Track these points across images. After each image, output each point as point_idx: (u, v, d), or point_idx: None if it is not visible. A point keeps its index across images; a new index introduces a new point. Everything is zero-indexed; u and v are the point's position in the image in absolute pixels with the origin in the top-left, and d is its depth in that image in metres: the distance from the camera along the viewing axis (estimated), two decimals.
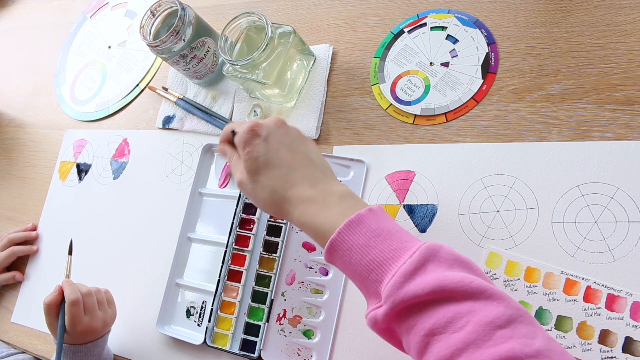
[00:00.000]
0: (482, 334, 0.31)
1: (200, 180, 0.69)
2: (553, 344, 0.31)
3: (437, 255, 0.35)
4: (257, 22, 0.61)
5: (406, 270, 0.35)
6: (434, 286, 0.33)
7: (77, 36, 0.93)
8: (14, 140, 0.91)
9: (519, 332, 0.31)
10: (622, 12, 0.53)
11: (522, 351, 0.30)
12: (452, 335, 0.32)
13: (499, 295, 0.33)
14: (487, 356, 0.30)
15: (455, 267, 0.35)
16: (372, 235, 0.37)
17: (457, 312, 0.32)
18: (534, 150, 0.52)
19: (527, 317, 0.32)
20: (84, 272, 0.73)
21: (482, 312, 0.32)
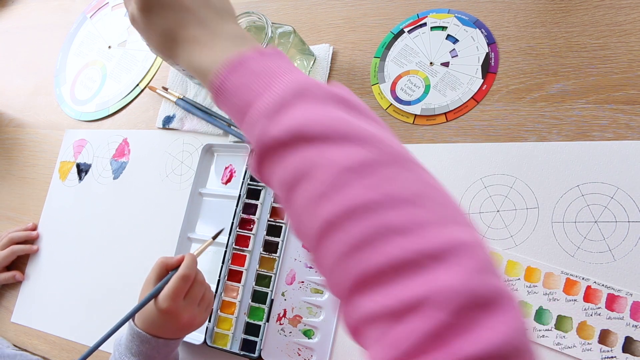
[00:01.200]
0: (333, 180, 0.27)
1: (200, 180, 0.69)
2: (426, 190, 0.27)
3: (307, 90, 0.30)
4: (257, 22, 0.61)
5: (269, 108, 0.30)
6: (292, 127, 0.29)
7: (77, 36, 0.93)
8: (14, 140, 0.91)
9: (376, 176, 0.26)
10: (622, 12, 0.53)
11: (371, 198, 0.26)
12: (305, 186, 0.28)
13: (365, 138, 0.28)
14: (336, 205, 0.26)
15: (328, 105, 0.30)
16: (251, 76, 0.32)
17: (310, 158, 0.28)
18: (534, 150, 0.52)
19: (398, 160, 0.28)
20: (84, 272, 0.73)
21: (336, 156, 0.27)
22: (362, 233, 0.25)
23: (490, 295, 0.23)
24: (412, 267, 0.23)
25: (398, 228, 0.25)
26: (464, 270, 0.23)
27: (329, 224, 0.27)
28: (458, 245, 0.24)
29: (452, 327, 0.22)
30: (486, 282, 0.23)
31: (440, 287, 0.22)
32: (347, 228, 0.26)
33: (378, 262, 0.24)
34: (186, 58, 0.37)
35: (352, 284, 0.25)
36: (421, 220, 0.25)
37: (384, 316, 0.24)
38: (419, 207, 0.26)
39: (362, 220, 0.25)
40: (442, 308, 0.22)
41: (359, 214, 0.26)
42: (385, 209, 0.25)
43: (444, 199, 0.27)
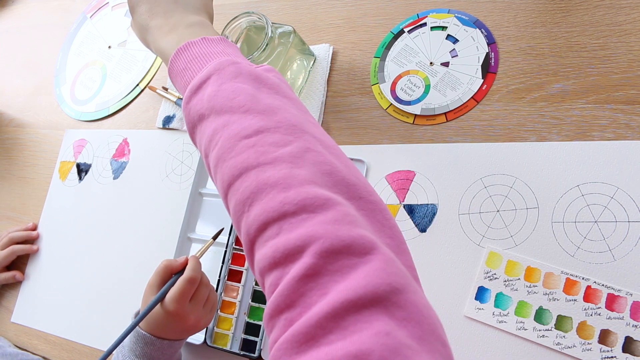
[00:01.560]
0: (228, 147, 0.30)
1: (201, 180, 0.69)
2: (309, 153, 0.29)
3: (223, 69, 0.35)
4: (257, 22, 0.61)
5: (192, 86, 0.35)
6: (205, 100, 0.33)
7: (77, 36, 0.93)
8: (14, 140, 0.91)
9: (266, 141, 0.30)
10: (622, 11, 0.53)
11: (256, 160, 0.29)
12: (212, 152, 0.32)
13: (260, 109, 0.32)
14: (226, 171, 0.30)
15: (238, 80, 0.34)
16: (191, 59, 0.37)
17: (215, 129, 0.32)
18: (534, 150, 0.52)
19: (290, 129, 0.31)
20: (84, 271, 0.73)
21: (233, 126, 0.31)
22: (247, 189, 0.28)
23: (357, 243, 0.25)
24: (287, 218, 0.26)
25: (276, 183, 0.27)
26: (328, 220, 0.25)
27: (226, 185, 0.30)
28: (324, 200, 0.26)
29: (321, 269, 0.24)
30: (350, 230, 0.25)
31: (308, 235, 0.25)
32: (237, 187, 0.29)
33: (260, 216, 0.27)
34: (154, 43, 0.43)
35: (247, 240, 0.28)
36: (295, 178, 0.28)
37: (270, 267, 0.26)
38: (296, 167, 0.28)
39: (246, 179, 0.29)
40: (310, 253, 0.24)
41: (245, 174, 0.29)
42: (266, 168, 0.28)
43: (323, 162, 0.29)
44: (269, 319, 0.26)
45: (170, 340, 0.53)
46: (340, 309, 0.22)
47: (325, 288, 0.24)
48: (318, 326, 0.22)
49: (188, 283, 0.51)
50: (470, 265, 0.51)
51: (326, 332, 0.22)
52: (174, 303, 0.50)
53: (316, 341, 0.22)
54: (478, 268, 0.51)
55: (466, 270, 0.51)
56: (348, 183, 0.29)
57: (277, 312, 0.25)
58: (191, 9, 0.45)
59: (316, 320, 0.23)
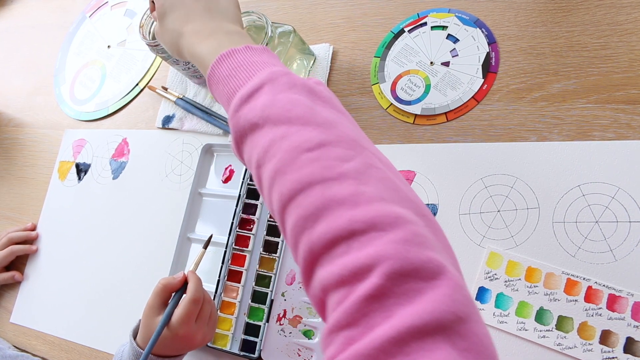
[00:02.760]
0: (289, 160, 0.29)
1: (200, 180, 0.69)
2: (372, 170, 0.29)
3: (276, 79, 0.34)
4: (257, 22, 0.60)
5: (242, 94, 0.34)
6: (259, 110, 0.32)
7: (77, 36, 0.92)
8: (13, 140, 0.91)
9: (329, 155, 0.29)
10: (623, 11, 0.53)
11: (321, 175, 0.28)
12: (268, 164, 0.31)
13: (320, 122, 0.31)
14: (288, 184, 0.29)
15: (293, 91, 0.33)
16: (236, 66, 0.36)
17: (272, 140, 0.31)
18: (535, 150, 0.52)
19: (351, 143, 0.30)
20: (83, 272, 0.73)
21: (293, 137, 0.30)
22: (312, 205, 0.27)
23: (426, 266, 0.24)
24: (356, 236, 0.25)
25: (343, 200, 0.27)
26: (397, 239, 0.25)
27: (287, 199, 0.29)
28: (397, 218, 0.26)
29: (388, 291, 0.23)
30: (419, 252, 0.25)
31: (378, 254, 0.24)
32: (299, 202, 0.28)
33: (327, 233, 0.26)
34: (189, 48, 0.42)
35: (309, 257, 0.27)
36: (363, 194, 0.27)
37: (336, 284, 0.25)
38: (362, 183, 0.28)
39: (311, 194, 0.28)
40: (378, 273, 0.24)
41: (309, 189, 0.28)
42: (333, 184, 0.28)
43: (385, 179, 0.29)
44: (327, 334, 0.25)
45: (171, 357, 0.53)
46: (405, 334, 0.22)
47: (390, 311, 0.23)
48: (381, 350, 0.22)
49: (193, 304, 0.50)
50: (471, 266, 0.51)
51: (388, 357, 0.22)
52: (182, 326, 0.50)
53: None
54: (478, 268, 0.51)
55: (466, 271, 0.51)
56: (411, 200, 0.29)
57: (337, 329, 0.24)
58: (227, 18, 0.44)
59: (380, 344, 0.22)
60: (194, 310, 0.51)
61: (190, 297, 0.51)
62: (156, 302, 0.52)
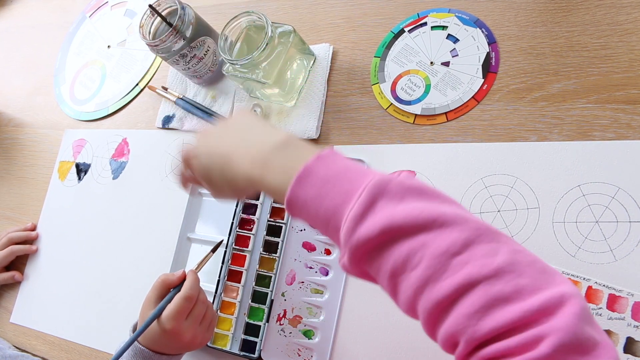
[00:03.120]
0: (439, 266, 0.30)
1: None
2: (519, 256, 0.29)
3: (385, 190, 0.33)
4: (257, 22, 0.60)
5: (356, 214, 0.33)
6: (382, 226, 0.31)
7: (77, 36, 0.92)
8: (13, 140, 0.91)
9: (477, 254, 0.29)
10: (623, 11, 0.53)
11: (479, 273, 0.28)
12: (411, 273, 0.31)
13: (452, 220, 0.31)
14: (446, 288, 0.29)
15: (407, 199, 0.33)
16: (323, 183, 0.35)
17: (411, 249, 0.31)
18: (535, 150, 0.52)
19: (487, 234, 0.30)
20: (83, 272, 0.73)
21: (435, 243, 0.30)
22: (479, 305, 0.28)
23: (589, 343, 0.26)
24: (528, 324, 0.27)
25: (508, 296, 0.28)
26: (569, 314, 0.26)
27: (443, 306, 0.29)
28: (562, 296, 0.27)
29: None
30: (587, 329, 0.26)
31: (549, 328, 0.26)
32: (462, 304, 0.29)
33: (498, 325, 0.27)
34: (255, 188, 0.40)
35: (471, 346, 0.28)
36: (525, 286, 0.28)
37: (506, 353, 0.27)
38: (519, 274, 0.29)
39: (473, 295, 0.28)
40: (546, 343, 0.25)
41: (469, 290, 0.28)
42: (493, 282, 0.28)
43: (535, 260, 0.30)
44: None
45: (168, 355, 0.53)
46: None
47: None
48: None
49: (185, 301, 0.50)
50: None
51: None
52: (171, 321, 0.50)
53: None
54: None
55: None
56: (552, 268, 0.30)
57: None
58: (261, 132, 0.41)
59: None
60: (186, 307, 0.51)
61: (183, 294, 0.51)
62: (154, 296, 0.52)
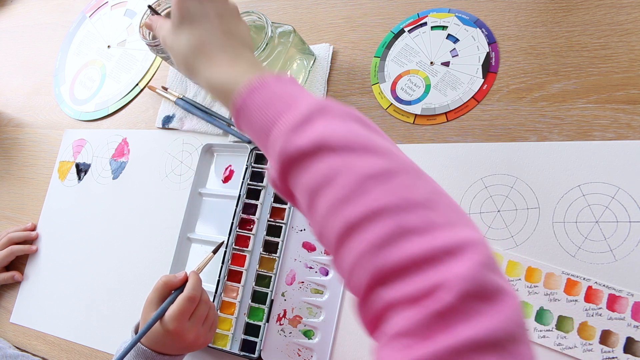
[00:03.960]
0: (355, 187, 0.29)
1: (200, 180, 0.68)
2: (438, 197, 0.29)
3: (327, 109, 0.33)
4: (257, 22, 0.60)
5: (293, 123, 0.33)
6: (315, 138, 0.32)
7: (77, 36, 0.92)
8: (13, 140, 0.91)
9: (397, 184, 0.29)
10: (623, 11, 0.53)
11: (392, 202, 0.28)
12: (328, 191, 0.30)
13: (382, 151, 0.31)
14: (357, 210, 0.29)
15: (346, 122, 0.33)
16: (271, 96, 0.36)
17: (334, 167, 0.31)
18: (535, 150, 0.52)
19: (412, 172, 0.30)
20: (83, 272, 0.73)
21: (358, 165, 0.30)
22: (384, 233, 0.28)
23: (493, 289, 0.26)
24: (430, 261, 0.26)
25: (416, 229, 0.27)
26: (472, 263, 0.26)
27: (352, 225, 0.29)
28: (468, 242, 0.27)
29: (456, 310, 0.25)
30: (490, 277, 0.26)
31: (451, 275, 0.25)
32: (369, 229, 0.28)
33: (400, 258, 0.27)
34: (207, 76, 0.40)
35: (373, 279, 0.28)
36: (435, 222, 0.28)
37: (404, 301, 0.26)
38: (432, 210, 0.28)
39: (383, 222, 0.28)
40: (450, 292, 0.25)
41: (379, 216, 0.28)
42: (404, 212, 0.28)
43: (451, 204, 0.30)
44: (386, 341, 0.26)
45: (171, 355, 0.53)
46: (462, 345, 0.24)
47: (452, 326, 0.24)
48: (436, 356, 0.24)
49: (187, 301, 0.51)
50: None
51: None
52: (173, 321, 0.50)
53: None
54: None
55: None
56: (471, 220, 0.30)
57: (398, 337, 0.26)
58: (246, 45, 0.43)
59: (435, 350, 0.24)
60: (189, 308, 0.51)
61: (186, 295, 0.51)
62: (155, 297, 0.52)
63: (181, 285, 0.53)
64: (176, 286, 0.53)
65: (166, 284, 0.53)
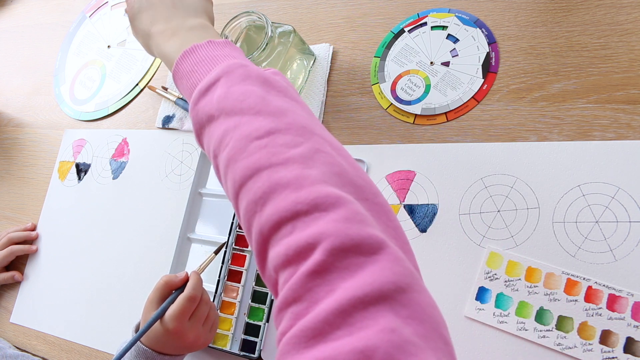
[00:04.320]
0: (238, 148, 0.31)
1: (200, 180, 0.68)
2: (319, 155, 0.30)
3: (232, 71, 0.35)
4: (257, 22, 0.60)
5: (201, 88, 0.35)
6: (215, 102, 0.34)
7: (77, 36, 0.92)
8: (13, 140, 0.91)
9: (277, 142, 0.30)
10: (623, 11, 0.53)
11: (268, 160, 0.29)
12: (222, 153, 0.32)
13: (271, 111, 0.32)
14: (239, 170, 0.30)
15: (244, 83, 0.34)
16: (198, 61, 0.38)
17: (226, 130, 0.33)
18: (535, 150, 0.52)
19: (299, 130, 0.31)
20: (83, 272, 0.73)
21: (244, 127, 0.32)
22: (260, 189, 0.29)
23: (366, 242, 0.25)
24: (299, 216, 0.27)
25: (288, 183, 0.28)
26: (339, 216, 0.26)
27: (238, 186, 0.31)
28: (337, 198, 0.27)
29: (331, 267, 0.25)
30: (362, 229, 0.26)
31: (319, 231, 0.26)
32: (249, 187, 0.30)
33: (272, 214, 0.28)
34: (157, 48, 0.45)
35: (260, 238, 0.29)
36: (307, 178, 0.28)
37: (283, 264, 0.27)
38: (307, 167, 0.29)
39: (259, 179, 0.29)
40: (321, 249, 0.25)
41: (257, 174, 0.29)
42: (279, 169, 0.29)
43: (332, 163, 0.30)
44: (277, 312, 0.27)
45: (171, 355, 0.53)
46: (347, 305, 0.23)
47: (332, 285, 0.24)
48: (325, 322, 0.23)
49: (188, 301, 0.51)
50: (471, 266, 0.51)
51: (333, 328, 0.23)
52: (173, 321, 0.50)
53: (324, 337, 0.23)
54: (478, 268, 0.51)
55: (467, 271, 0.51)
56: (356, 184, 0.30)
57: (285, 306, 0.26)
58: (191, 13, 0.45)
59: (324, 317, 0.23)
60: (189, 308, 0.51)
61: (186, 294, 0.51)
62: (156, 297, 0.52)
63: (182, 285, 0.53)
64: (177, 286, 0.53)
65: (167, 284, 0.53)
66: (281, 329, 0.26)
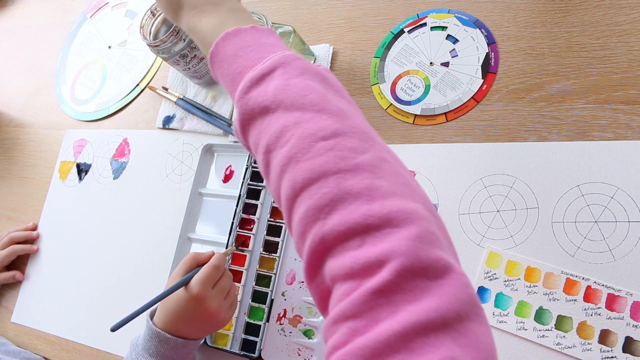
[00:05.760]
0: (302, 146, 0.29)
1: (200, 180, 0.69)
2: (385, 164, 0.29)
3: (289, 63, 0.33)
4: (257, 22, 0.61)
5: (253, 76, 0.33)
6: (272, 93, 0.32)
7: (77, 36, 0.93)
8: (14, 140, 0.91)
9: (344, 145, 0.29)
10: (622, 11, 0.53)
11: (336, 165, 0.28)
12: (280, 150, 0.30)
13: (334, 111, 0.31)
14: (303, 171, 0.29)
15: (304, 77, 0.33)
16: (243, 46, 0.36)
17: (285, 125, 0.31)
18: (534, 150, 0.52)
19: (363, 135, 0.30)
20: (84, 271, 0.73)
21: (308, 124, 0.30)
22: (327, 196, 0.27)
23: (435, 265, 0.25)
24: (369, 230, 0.26)
25: (358, 193, 0.27)
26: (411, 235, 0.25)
27: (299, 187, 0.29)
28: (407, 212, 0.26)
29: (397, 288, 0.24)
30: (431, 251, 0.25)
31: (390, 250, 0.25)
32: (313, 191, 0.28)
33: (339, 225, 0.26)
34: (189, 22, 0.41)
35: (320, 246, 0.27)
36: (378, 188, 0.27)
37: (346, 276, 0.26)
38: (376, 176, 0.28)
39: (326, 184, 0.28)
40: (389, 269, 0.24)
41: (324, 179, 0.28)
42: (348, 176, 0.28)
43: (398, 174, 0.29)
44: (331, 323, 0.26)
45: (185, 339, 0.52)
46: (410, 330, 0.23)
47: (396, 306, 0.24)
48: (386, 344, 0.23)
49: (214, 268, 0.51)
50: (470, 265, 0.51)
51: (394, 352, 0.23)
52: (199, 286, 0.50)
53: (382, 359, 0.23)
54: (478, 268, 0.51)
55: (466, 270, 0.51)
56: (421, 195, 0.29)
57: (342, 319, 0.25)
58: None
59: (385, 338, 0.23)
60: (214, 275, 0.51)
61: (212, 262, 0.52)
62: (181, 269, 0.53)
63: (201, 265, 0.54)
64: (203, 262, 0.54)
65: (194, 259, 0.54)
66: (334, 343, 0.25)
